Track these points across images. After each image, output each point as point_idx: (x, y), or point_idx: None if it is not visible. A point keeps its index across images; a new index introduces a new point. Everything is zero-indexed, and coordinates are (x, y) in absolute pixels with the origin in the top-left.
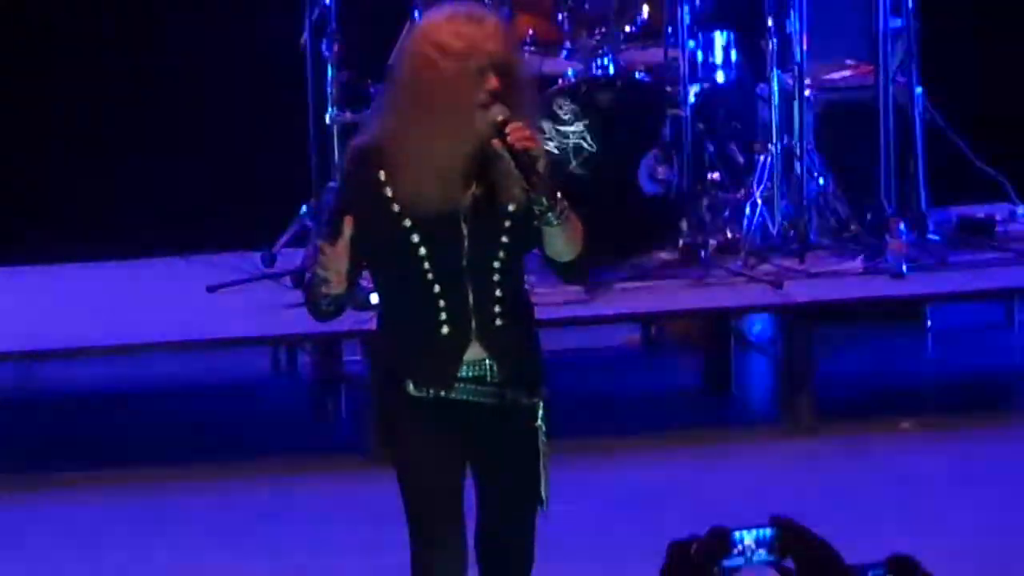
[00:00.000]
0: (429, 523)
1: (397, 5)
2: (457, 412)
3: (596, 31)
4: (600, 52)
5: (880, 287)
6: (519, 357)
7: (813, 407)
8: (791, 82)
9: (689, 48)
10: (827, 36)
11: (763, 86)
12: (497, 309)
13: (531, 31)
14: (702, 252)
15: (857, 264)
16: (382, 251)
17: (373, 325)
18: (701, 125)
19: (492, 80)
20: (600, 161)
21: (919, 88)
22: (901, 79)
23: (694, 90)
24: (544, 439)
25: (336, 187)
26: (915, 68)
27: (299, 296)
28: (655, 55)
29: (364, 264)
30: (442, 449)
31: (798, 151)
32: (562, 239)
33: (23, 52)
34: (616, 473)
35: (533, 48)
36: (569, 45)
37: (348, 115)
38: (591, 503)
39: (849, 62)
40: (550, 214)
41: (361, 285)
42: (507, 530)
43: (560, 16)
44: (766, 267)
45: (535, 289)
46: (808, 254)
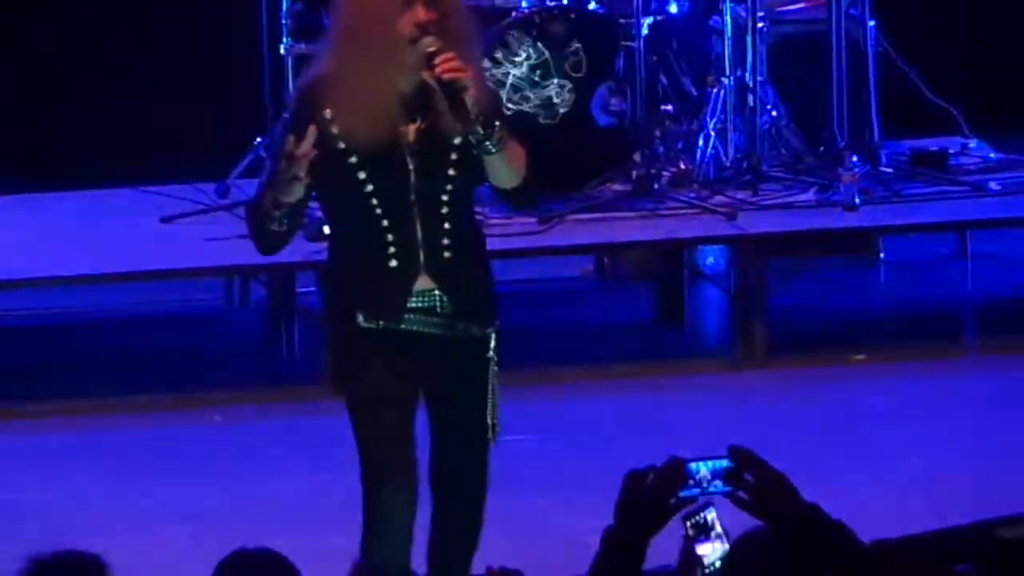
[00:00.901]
0: (380, 459)
1: None
2: (408, 344)
3: None
4: None
5: (833, 219)
6: (469, 289)
7: (766, 339)
8: (744, 14)
9: None
10: None
11: (716, 18)
12: (446, 242)
13: None
14: (655, 184)
15: (810, 196)
16: (331, 187)
17: (326, 257)
18: (654, 57)
19: (419, 12)
20: (553, 92)
21: (872, 21)
22: (854, 12)
23: (647, 22)
24: (495, 371)
25: (286, 120)
26: (868, 1)
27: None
28: None
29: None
30: (392, 384)
31: (751, 83)
32: (503, 168)
33: None
34: (570, 405)
35: None
36: None
37: (302, 46)
38: (545, 436)
39: None
40: (487, 143)
41: (314, 217)
42: (459, 461)
43: None
44: (719, 199)
45: (488, 220)
46: (761, 186)
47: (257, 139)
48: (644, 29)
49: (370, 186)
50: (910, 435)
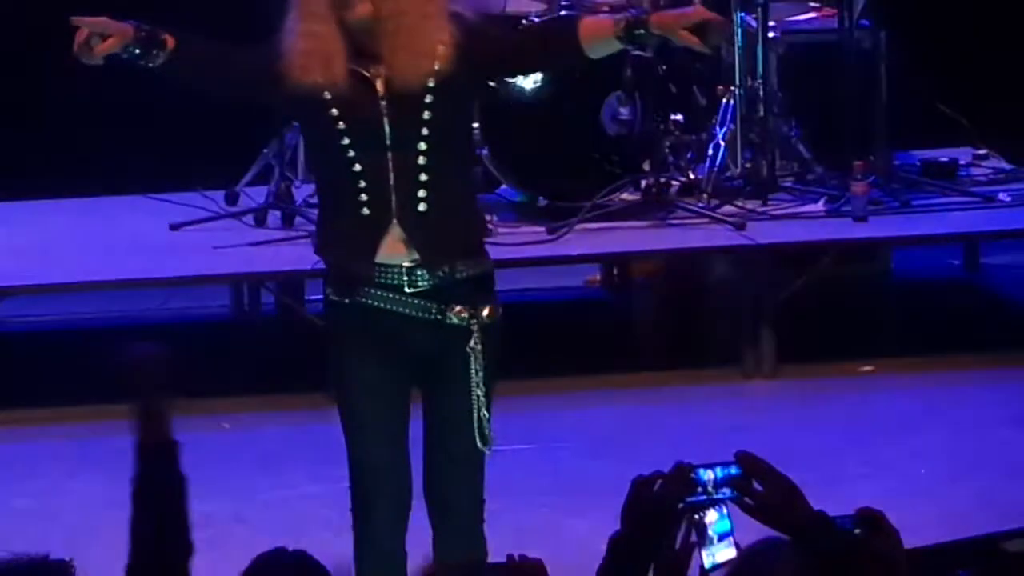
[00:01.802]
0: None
1: None
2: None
3: None
4: None
5: (843, 230)
6: (447, 259)
7: (775, 349)
8: (755, 23)
9: None
10: None
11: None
12: (422, 193)
13: None
14: (665, 193)
15: (820, 207)
16: (309, 131)
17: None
18: (664, 66)
19: None
20: (563, 101)
21: (883, 31)
22: (865, 22)
23: None
24: (482, 368)
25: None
26: (878, 12)
27: (262, 234)
28: None
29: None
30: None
31: (761, 93)
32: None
33: None
34: (578, 414)
35: None
36: None
37: None
38: (552, 444)
39: (813, 4)
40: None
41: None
42: (448, 468)
43: None
44: (729, 209)
45: (496, 229)
46: (771, 196)
47: (266, 147)
48: None
49: (344, 133)
50: (918, 446)
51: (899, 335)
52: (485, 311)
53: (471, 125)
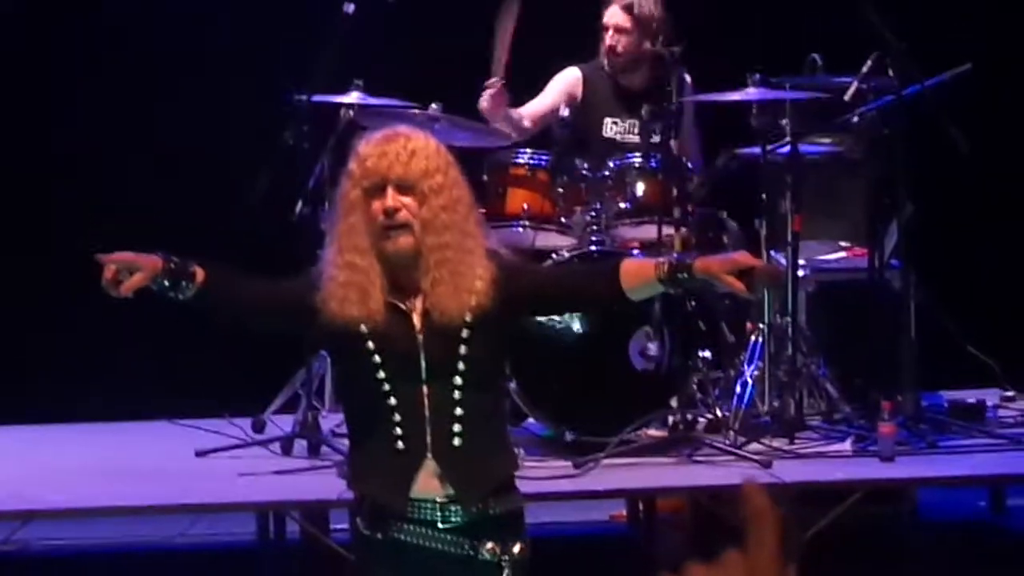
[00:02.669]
0: None
1: None
2: (413, 563)
3: (590, 207)
4: (594, 228)
5: (869, 470)
6: (481, 494)
7: None
8: (784, 262)
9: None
10: (822, 218)
11: None
12: (456, 428)
13: (525, 205)
14: (691, 430)
15: (846, 446)
16: (344, 365)
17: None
18: (692, 303)
19: (386, 200)
20: (591, 336)
21: (913, 272)
22: (895, 263)
23: None
24: None
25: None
26: (909, 253)
27: (288, 463)
28: (649, 231)
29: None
30: None
31: (790, 331)
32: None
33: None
34: None
35: (528, 222)
36: (563, 220)
37: None
38: None
39: (843, 244)
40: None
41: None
42: None
43: (555, 191)
44: (755, 446)
45: (522, 463)
46: (798, 435)
47: (293, 377)
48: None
49: (380, 366)
50: None
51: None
52: (516, 547)
53: (505, 360)
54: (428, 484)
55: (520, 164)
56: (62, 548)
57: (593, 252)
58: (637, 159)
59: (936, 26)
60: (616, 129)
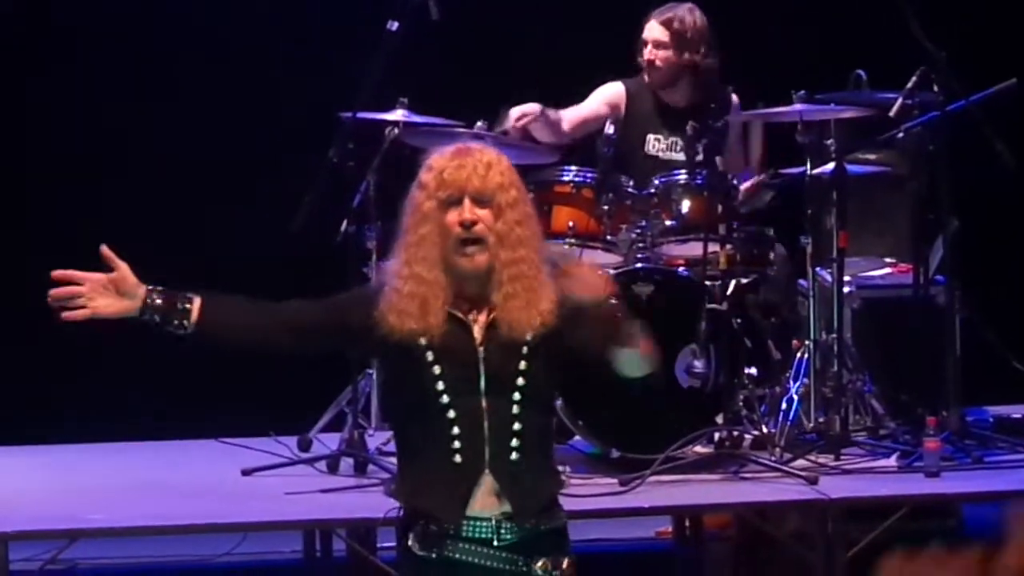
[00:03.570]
0: None
1: None
2: None
3: (636, 224)
4: (640, 245)
5: (915, 486)
6: (535, 509)
7: None
8: (829, 279)
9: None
10: (867, 234)
11: (803, 281)
12: (515, 443)
13: (571, 223)
14: (738, 447)
15: (892, 462)
16: (401, 376)
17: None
18: (739, 320)
19: (464, 210)
20: None
21: (957, 288)
22: (940, 278)
23: (733, 284)
24: None
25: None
26: (954, 269)
27: (334, 481)
28: (695, 249)
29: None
30: None
31: (835, 348)
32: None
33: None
34: None
35: (573, 240)
36: (609, 237)
37: None
38: None
39: (888, 260)
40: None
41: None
42: None
43: (600, 209)
44: (801, 463)
45: (569, 480)
46: (843, 451)
47: (341, 394)
48: (729, 291)
49: (440, 378)
50: None
51: None
52: (565, 563)
53: (560, 379)
54: (485, 501)
55: (565, 182)
56: (108, 567)
57: (639, 270)
58: (682, 176)
59: (982, 41)
60: (659, 146)
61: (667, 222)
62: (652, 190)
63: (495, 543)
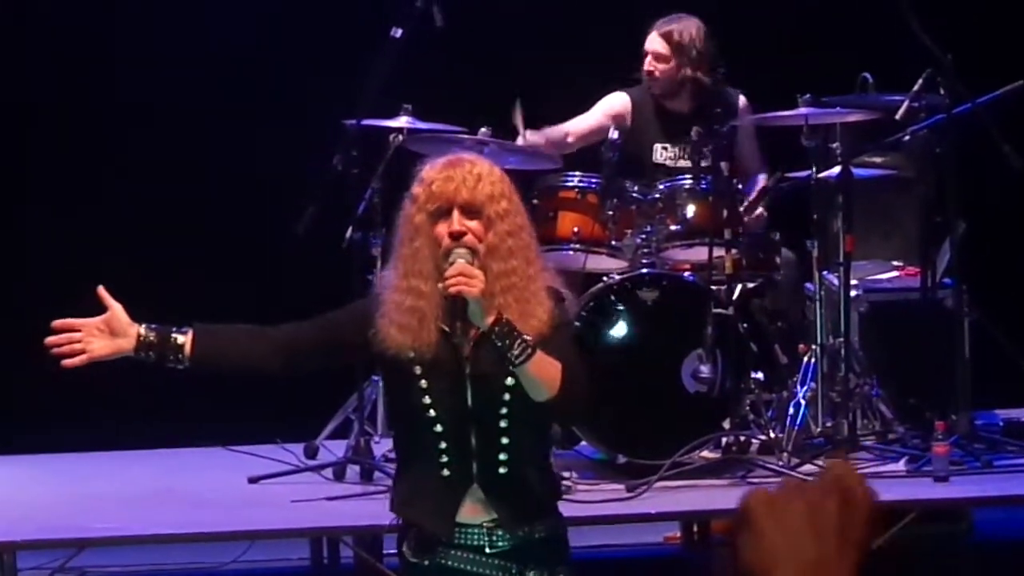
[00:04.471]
0: None
1: None
2: None
3: (641, 229)
4: (645, 251)
5: (924, 490)
6: (526, 519)
7: None
8: (836, 282)
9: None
10: (874, 238)
11: (810, 285)
12: (502, 457)
13: (576, 229)
14: (745, 452)
15: (901, 466)
16: (394, 392)
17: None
18: (745, 324)
19: (453, 221)
20: (644, 358)
21: (966, 291)
22: (948, 281)
23: (739, 289)
24: None
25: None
26: (961, 271)
27: (341, 489)
28: (700, 253)
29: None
30: None
31: (842, 352)
32: (529, 380)
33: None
34: None
35: (578, 245)
36: (614, 243)
37: None
38: None
39: (896, 263)
40: (509, 354)
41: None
42: None
43: (605, 214)
44: (809, 467)
45: (575, 486)
46: (851, 455)
47: (345, 402)
48: (735, 296)
49: (427, 393)
50: None
51: None
52: (561, 572)
53: None
54: (474, 510)
55: (570, 187)
56: (116, 575)
57: (644, 275)
58: (687, 181)
59: (988, 43)
60: (667, 155)
61: (672, 227)
62: (657, 195)
63: (487, 550)
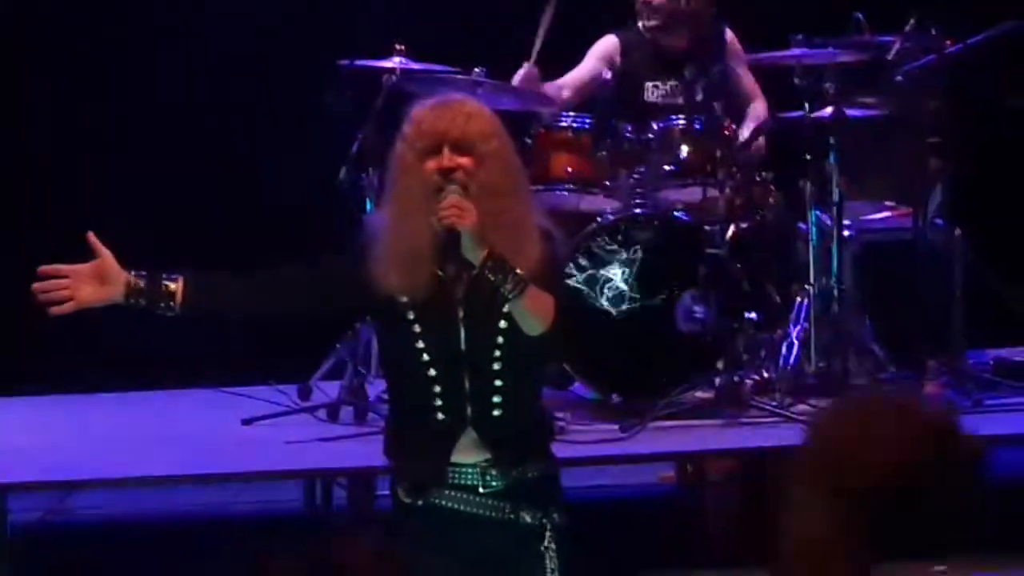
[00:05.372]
0: None
1: None
2: (452, 527)
3: (635, 169)
4: (639, 191)
5: None
6: (520, 460)
7: None
8: (829, 222)
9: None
10: (867, 178)
11: (803, 224)
12: (496, 399)
13: (569, 169)
14: (738, 392)
15: None
16: (385, 335)
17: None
18: (738, 265)
19: (443, 158)
20: (637, 298)
21: (957, 230)
22: (940, 222)
23: (732, 229)
24: (555, 566)
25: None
26: (953, 211)
27: (335, 430)
28: (694, 193)
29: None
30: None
31: (835, 292)
32: (523, 313)
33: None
34: None
35: (572, 186)
36: (608, 183)
37: None
38: None
39: (888, 203)
40: (502, 288)
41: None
42: None
43: (599, 154)
44: (802, 407)
45: (569, 427)
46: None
47: (339, 343)
48: (728, 236)
49: (420, 337)
50: None
51: (972, 536)
52: (555, 511)
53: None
54: (467, 451)
55: (563, 128)
56: (108, 517)
57: (638, 215)
58: (681, 121)
59: None
60: (658, 93)
61: (666, 167)
62: (651, 135)
63: (480, 490)
